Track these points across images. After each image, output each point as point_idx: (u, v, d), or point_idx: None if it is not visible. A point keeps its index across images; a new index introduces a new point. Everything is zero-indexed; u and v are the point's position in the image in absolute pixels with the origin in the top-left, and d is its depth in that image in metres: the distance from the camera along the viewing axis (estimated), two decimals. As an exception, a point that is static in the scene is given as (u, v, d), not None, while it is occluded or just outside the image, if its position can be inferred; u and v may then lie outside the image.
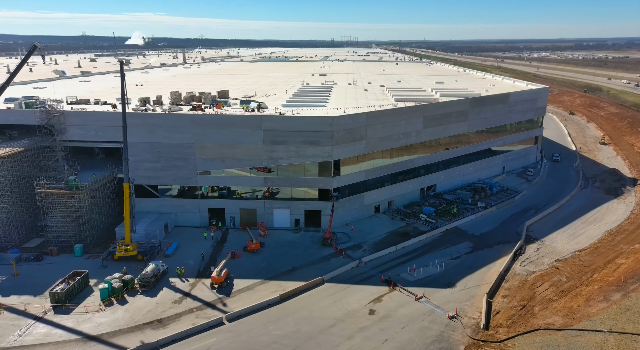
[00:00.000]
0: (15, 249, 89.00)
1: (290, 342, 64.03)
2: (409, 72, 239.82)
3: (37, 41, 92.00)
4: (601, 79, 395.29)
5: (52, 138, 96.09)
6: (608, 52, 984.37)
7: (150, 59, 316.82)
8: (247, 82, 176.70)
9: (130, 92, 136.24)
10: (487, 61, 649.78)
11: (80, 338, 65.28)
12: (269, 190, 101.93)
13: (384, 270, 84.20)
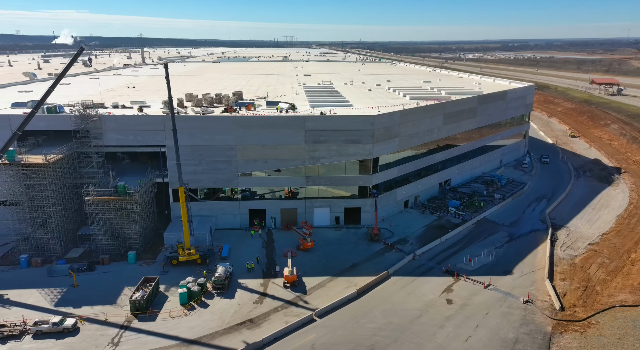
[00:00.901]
0: (62, 260, 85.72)
1: (388, 333, 66.49)
2: (385, 72, 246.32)
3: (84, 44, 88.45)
4: (542, 77, 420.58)
5: (87, 144, 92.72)
6: (534, 53, 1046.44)
7: (114, 60, 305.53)
8: (241, 83, 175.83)
9: (126, 94, 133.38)
10: (427, 61, 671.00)
11: (180, 343, 64.73)
12: (290, 191, 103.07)
13: (439, 262, 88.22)
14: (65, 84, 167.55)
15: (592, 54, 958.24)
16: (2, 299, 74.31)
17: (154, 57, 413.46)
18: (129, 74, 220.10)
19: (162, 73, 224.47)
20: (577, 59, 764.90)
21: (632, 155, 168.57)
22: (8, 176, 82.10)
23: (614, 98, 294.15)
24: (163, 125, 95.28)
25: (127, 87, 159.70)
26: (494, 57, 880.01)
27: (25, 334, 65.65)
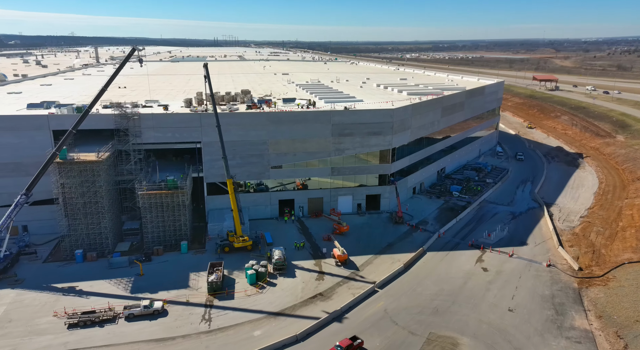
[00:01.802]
0: (116, 253, 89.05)
1: (444, 298, 76.35)
2: (355, 71, 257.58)
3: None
4: (482, 76, 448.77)
5: (127, 141, 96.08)
6: (464, 53, 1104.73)
7: (74, 60, 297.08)
8: (228, 82, 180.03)
9: (126, 95, 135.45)
10: (376, 60, 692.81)
11: (267, 315, 71.43)
12: (303, 182, 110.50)
13: (462, 238, 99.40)
14: (47, 85, 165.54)
15: (517, 53, 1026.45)
16: (74, 290, 77.37)
17: (112, 56, 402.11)
18: (98, 74, 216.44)
19: (141, 72, 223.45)
20: (507, 58, 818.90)
21: (587, 142, 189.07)
22: (64, 173, 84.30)
23: (553, 93, 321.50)
24: (199, 122, 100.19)
25: (119, 87, 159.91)
26: (430, 57, 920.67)
27: (117, 318, 69.75)
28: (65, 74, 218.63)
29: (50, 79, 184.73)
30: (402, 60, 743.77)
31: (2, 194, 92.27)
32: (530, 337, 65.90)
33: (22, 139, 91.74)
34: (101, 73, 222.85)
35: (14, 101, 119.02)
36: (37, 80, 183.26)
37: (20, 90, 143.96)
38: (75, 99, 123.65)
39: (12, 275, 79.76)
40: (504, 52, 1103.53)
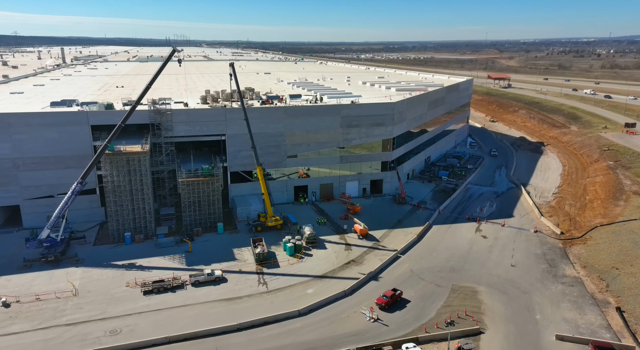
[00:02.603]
0: (161, 235, 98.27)
1: (457, 260, 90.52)
2: (331, 70, 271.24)
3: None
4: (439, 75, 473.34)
5: (160, 135, 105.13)
6: (415, 53, 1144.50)
7: (46, 61, 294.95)
8: (219, 82, 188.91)
9: (132, 93, 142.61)
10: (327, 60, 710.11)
11: (313, 278, 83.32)
12: (307, 170, 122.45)
13: (459, 213, 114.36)
14: (40, 85, 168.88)
15: (464, 54, 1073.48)
16: (135, 265, 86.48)
17: (76, 56, 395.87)
18: (78, 75, 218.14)
19: (125, 73, 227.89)
20: (457, 59, 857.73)
21: (546, 132, 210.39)
22: (113, 163, 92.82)
23: (507, 90, 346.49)
24: (225, 116, 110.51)
25: (116, 86, 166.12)
26: (384, 58, 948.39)
27: (185, 285, 79.79)
28: (43, 75, 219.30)
29: (36, 80, 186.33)
30: (359, 61, 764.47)
31: (43, 185, 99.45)
32: (532, 283, 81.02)
33: (62, 134, 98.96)
34: (79, 74, 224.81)
35: (25, 100, 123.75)
36: (21, 81, 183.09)
37: (22, 90, 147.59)
38: (83, 97, 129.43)
39: (73, 255, 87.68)
40: (452, 53, 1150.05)
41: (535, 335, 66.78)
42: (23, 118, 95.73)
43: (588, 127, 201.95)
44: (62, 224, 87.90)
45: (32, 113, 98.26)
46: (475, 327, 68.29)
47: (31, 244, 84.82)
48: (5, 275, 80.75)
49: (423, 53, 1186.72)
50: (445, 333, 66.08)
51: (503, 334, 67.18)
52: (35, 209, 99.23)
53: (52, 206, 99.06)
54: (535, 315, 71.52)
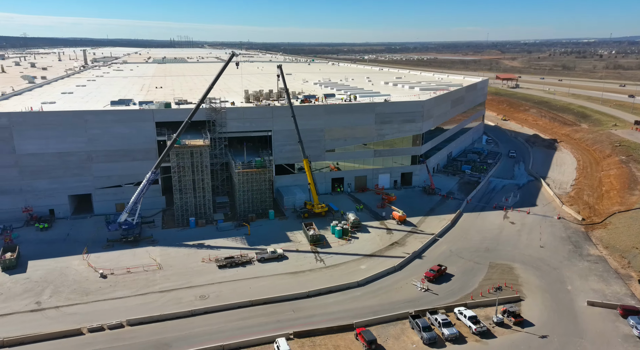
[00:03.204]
0: (220, 220, 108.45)
1: (490, 241, 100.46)
2: (345, 71, 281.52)
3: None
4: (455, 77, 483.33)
5: (215, 131, 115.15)
6: (417, 54, 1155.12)
7: (73, 63, 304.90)
8: (247, 82, 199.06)
9: (172, 93, 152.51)
10: (336, 61, 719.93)
11: (363, 256, 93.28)
12: (337, 164, 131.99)
13: (486, 203, 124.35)
14: (82, 86, 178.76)
15: (466, 55, 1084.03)
16: (204, 245, 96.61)
17: (95, 58, 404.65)
18: (108, 75, 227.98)
19: (146, 73, 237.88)
20: (460, 60, 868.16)
21: (558, 130, 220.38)
22: (181, 155, 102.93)
23: (515, 90, 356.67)
24: (272, 114, 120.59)
25: (156, 87, 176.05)
26: (387, 58, 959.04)
27: (252, 261, 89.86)
28: (76, 76, 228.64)
29: (74, 81, 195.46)
30: (365, 62, 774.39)
31: (114, 175, 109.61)
32: (561, 261, 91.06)
33: (131, 129, 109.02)
34: (109, 75, 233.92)
35: (80, 99, 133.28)
36: (60, 82, 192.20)
37: (68, 90, 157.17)
38: (130, 97, 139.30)
39: (149, 236, 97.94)
40: (454, 54, 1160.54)
41: (569, 301, 76.79)
42: (98, 115, 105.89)
43: (598, 125, 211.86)
44: (138, 209, 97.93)
45: (106, 111, 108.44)
46: (516, 295, 78.34)
47: (112, 227, 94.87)
48: (94, 253, 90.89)
49: (425, 54, 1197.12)
50: (490, 300, 76.18)
51: (540, 301, 77.21)
52: (105, 197, 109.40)
53: (119, 194, 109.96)
54: (566, 286, 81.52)
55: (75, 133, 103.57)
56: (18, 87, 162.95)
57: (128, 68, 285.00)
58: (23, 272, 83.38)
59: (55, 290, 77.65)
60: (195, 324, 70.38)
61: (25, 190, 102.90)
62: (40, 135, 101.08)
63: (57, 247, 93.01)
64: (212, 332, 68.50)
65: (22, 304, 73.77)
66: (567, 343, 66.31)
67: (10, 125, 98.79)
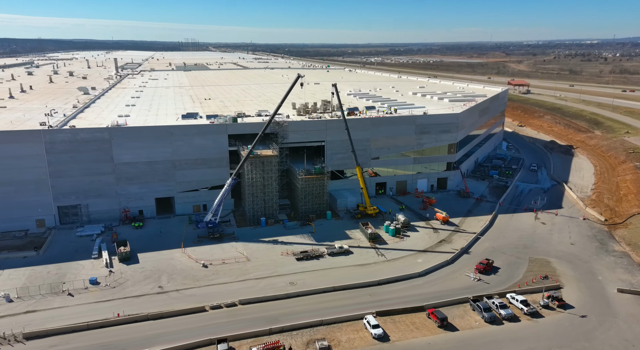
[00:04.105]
0: (285, 219, 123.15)
1: (526, 239, 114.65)
2: (370, 79, 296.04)
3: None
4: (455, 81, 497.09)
5: (277, 142, 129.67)
6: (423, 56, 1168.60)
7: (111, 72, 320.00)
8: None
9: (227, 106, 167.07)
10: (351, 66, 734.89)
11: (417, 252, 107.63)
12: (372, 170, 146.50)
13: (516, 205, 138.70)
14: (136, 97, 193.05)
15: (471, 57, 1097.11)
16: (277, 241, 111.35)
17: (122, 65, 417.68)
18: (151, 85, 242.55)
19: (183, 84, 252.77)
20: (467, 62, 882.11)
21: (573, 136, 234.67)
22: (254, 164, 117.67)
23: (527, 96, 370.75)
24: (325, 126, 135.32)
25: (205, 99, 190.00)
26: (393, 61, 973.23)
27: (324, 255, 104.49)
28: (118, 86, 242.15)
29: (123, 92, 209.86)
30: (373, 66, 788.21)
31: (192, 181, 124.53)
32: (590, 256, 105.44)
33: (208, 141, 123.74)
34: (148, 85, 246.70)
35: (146, 112, 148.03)
36: (113, 92, 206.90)
37: (134, 103, 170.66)
38: (188, 110, 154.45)
39: (231, 233, 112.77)
40: (458, 56, 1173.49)
41: (601, 289, 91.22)
42: (182, 129, 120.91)
43: (611, 131, 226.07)
44: (220, 210, 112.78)
45: (189, 125, 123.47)
46: (556, 284, 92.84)
47: (202, 225, 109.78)
48: (188, 247, 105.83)
49: (430, 56, 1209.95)
50: (534, 288, 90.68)
51: (576, 288, 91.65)
52: (184, 200, 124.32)
53: (196, 197, 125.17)
54: (597, 277, 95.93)
55: (163, 144, 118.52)
56: (77, 97, 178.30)
57: (161, 77, 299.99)
58: (136, 262, 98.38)
59: (170, 277, 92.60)
60: (292, 304, 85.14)
61: (120, 194, 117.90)
62: (134, 146, 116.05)
63: (155, 242, 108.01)
64: (308, 311, 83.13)
65: (147, 287, 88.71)
66: (604, 321, 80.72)
67: (110, 138, 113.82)
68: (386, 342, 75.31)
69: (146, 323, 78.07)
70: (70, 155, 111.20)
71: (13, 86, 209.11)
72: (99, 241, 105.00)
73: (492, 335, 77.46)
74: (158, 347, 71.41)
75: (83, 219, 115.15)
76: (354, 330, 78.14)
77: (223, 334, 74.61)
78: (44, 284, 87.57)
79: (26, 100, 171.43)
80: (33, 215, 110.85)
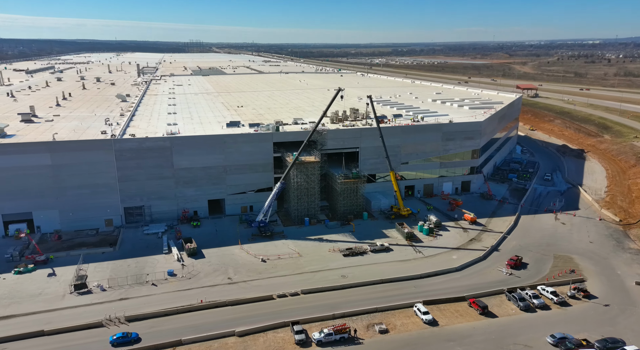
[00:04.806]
0: (326, 219, 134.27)
1: (549, 238, 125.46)
2: (385, 85, 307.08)
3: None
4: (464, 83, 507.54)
5: (316, 149, 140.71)
6: (426, 57, 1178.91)
7: (136, 78, 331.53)
8: (306, 100, 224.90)
9: (261, 114, 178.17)
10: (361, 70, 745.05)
11: (451, 249, 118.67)
12: (400, 174, 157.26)
13: (537, 206, 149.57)
14: (172, 105, 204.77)
15: (475, 58, 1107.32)
16: (322, 239, 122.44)
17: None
18: (179, 92, 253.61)
19: (209, 90, 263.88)
20: (472, 64, 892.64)
21: (583, 141, 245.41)
22: (299, 169, 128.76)
23: (536, 100, 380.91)
24: (360, 134, 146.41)
25: (237, 106, 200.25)
26: (397, 62, 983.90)
27: (367, 252, 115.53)
28: (149, 94, 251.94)
29: (157, 99, 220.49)
30: (379, 67, 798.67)
31: (241, 184, 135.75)
32: (609, 252, 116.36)
33: (255, 148, 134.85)
34: (175, 92, 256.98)
35: (190, 121, 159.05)
36: (148, 99, 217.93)
37: (174, 111, 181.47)
38: (227, 118, 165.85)
39: (280, 232, 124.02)
40: (462, 57, 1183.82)
41: (620, 282, 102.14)
42: (233, 138, 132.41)
43: (620, 136, 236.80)
44: (269, 211, 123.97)
45: (239, 134, 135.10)
46: (580, 277, 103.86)
47: (255, 224, 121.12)
48: (245, 244, 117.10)
49: (433, 57, 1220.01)
50: (560, 281, 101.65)
51: (599, 281, 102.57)
52: (233, 201, 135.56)
53: (243, 199, 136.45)
54: (616, 271, 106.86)
55: (216, 151, 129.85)
56: (117, 104, 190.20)
57: (184, 82, 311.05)
58: (203, 257, 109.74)
59: (235, 270, 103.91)
60: (347, 294, 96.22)
61: (178, 196, 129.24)
62: (191, 153, 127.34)
63: (213, 239, 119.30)
64: (361, 300, 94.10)
65: (218, 279, 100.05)
66: (625, 310, 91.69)
67: (171, 146, 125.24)
68: (436, 327, 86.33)
69: (225, 308, 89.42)
70: (136, 162, 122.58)
71: (51, 93, 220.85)
72: (166, 238, 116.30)
73: (527, 321, 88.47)
74: (240, 328, 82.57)
75: (146, 219, 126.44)
76: (406, 316, 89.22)
77: (293, 318, 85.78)
78: (128, 276, 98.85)
79: (72, 107, 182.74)
80: (103, 216, 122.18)
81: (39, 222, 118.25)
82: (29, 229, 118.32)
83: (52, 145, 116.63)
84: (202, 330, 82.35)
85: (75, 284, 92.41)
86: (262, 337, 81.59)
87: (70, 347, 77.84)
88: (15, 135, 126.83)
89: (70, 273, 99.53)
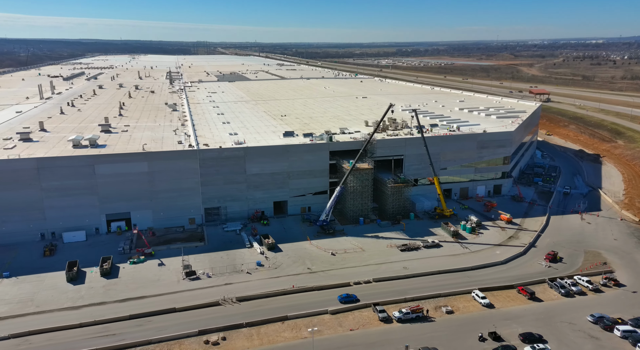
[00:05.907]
0: (378, 219, 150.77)
1: (578, 235, 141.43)
2: (408, 92, 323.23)
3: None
4: (477, 86, 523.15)
5: (367, 156, 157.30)
6: (430, 58, 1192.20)
7: (159, 84, 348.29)
8: (341, 110, 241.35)
9: (309, 124, 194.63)
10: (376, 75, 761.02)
11: (492, 246, 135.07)
12: (427, 179, 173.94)
13: (564, 207, 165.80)
14: (220, 114, 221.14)
15: (480, 59, 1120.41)
16: (378, 236, 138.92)
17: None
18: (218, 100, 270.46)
19: (244, 98, 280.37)
20: (479, 66, 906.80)
21: (599, 146, 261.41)
22: (355, 175, 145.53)
23: (548, 104, 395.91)
24: (404, 143, 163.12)
25: (281, 116, 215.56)
26: (404, 64, 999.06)
27: (420, 247, 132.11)
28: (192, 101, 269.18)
29: (201, 108, 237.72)
30: (388, 69, 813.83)
31: (301, 188, 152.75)
32: (631, 249, 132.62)
33: (313, 156, 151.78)
34: (213, 100, 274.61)
35: (245, 131, 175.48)
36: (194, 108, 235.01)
37: (227, 120, 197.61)
38: (275, 128, 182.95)
39: (340, 230, 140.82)
40: (467, 58, 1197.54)
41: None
42: (296, 147, 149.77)
43: (632, 141, 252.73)
44: (330, 211, 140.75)
45: (300, 144, 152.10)
46: (609, 268, 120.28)
47: (319, 223, 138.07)
48: (312, 240, 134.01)
49: (439, 57, 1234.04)
50: (593, 272, 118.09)
51: (625, 272, 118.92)
52: (295, 203, 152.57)
53: (303, 201, 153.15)
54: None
55: (281, 159, 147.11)
56: (170, 113, 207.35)
57: (216, 89, 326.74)
58: (280, 251, 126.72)
59: (312, 262, 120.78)
60: (411, 282, 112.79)
61: (248, 199, 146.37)
62: (261, 161, 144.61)
63: (283, 236, 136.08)
64: (424, 287, 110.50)
65: (299, 269, 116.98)
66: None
67: (244, 155, 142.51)
68: (493, 309, 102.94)
69: (313, 292, 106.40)
70: (216, 169, 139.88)
71: (103, 102, 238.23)
72: (245, 234, 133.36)
73: (568, 304, 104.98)
74: (330, 307, 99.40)
75: (222, 218, 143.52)
76: (466, 301, 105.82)
77: (370, 301, 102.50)
78: (224, 266, 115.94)
79: (134, 117, 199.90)
80: (187, 215, 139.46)
81: (135, 221, 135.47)
82: (127, 226, 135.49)
83: (149, 155, 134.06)
84: (300, 308, 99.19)
85: (186, 271, 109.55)
86: (351, 315, 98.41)
87: (197, 320, 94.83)
88: (106, 145, 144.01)
89: (174, 263, 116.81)
